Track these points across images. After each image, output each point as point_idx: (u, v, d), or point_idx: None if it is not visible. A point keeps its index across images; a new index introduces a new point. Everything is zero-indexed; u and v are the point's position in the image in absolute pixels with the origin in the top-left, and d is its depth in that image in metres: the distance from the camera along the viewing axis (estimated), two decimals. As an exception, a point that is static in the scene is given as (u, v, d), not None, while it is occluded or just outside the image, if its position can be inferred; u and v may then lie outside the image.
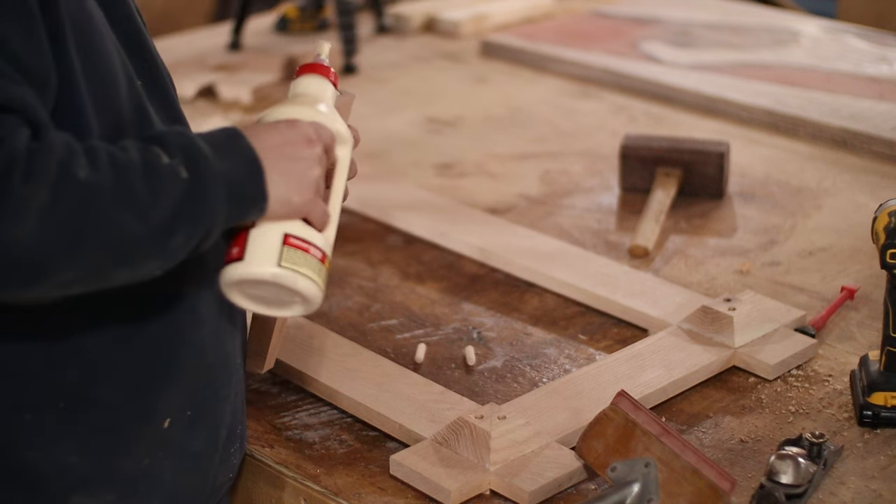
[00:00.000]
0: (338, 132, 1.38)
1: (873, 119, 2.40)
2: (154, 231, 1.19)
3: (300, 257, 1.30)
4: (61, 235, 1.15)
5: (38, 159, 1.14)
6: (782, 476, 1.44)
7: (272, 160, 1.27)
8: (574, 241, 2.03)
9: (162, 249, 1.21)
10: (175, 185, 1.20)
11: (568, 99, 2.61)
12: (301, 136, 1.31)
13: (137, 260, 1.20)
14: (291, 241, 1.30)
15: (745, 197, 2.18)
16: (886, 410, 1.57)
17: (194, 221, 1.21)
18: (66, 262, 1.16)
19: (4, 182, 1.12)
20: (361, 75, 2.75)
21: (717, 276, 1.93)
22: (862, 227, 1.82)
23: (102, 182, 1.17)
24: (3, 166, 1.12)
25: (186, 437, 1.38)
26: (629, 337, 1.79)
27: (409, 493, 1.48)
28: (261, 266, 1.29)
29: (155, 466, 1.36)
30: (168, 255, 1.22)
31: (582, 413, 1.55)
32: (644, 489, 1.37)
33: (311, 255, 1.31)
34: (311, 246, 1.31)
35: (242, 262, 1.29)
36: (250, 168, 1.26)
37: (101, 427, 1.31)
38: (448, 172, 2.28)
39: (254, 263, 1.29)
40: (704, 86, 2.58)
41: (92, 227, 1.16)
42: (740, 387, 1.67)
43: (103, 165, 1.17)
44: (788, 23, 2.97)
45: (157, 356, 1.34)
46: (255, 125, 1.33)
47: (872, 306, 1.82)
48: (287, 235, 1.30)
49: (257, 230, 1.29)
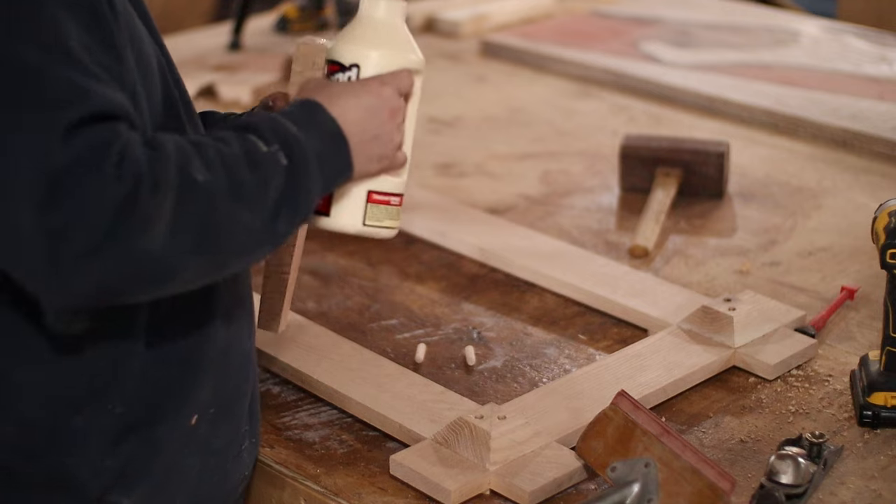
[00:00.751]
0: (417, 64, 1.41)
1: (873, 119, 2.40)
2: (265, 220, 1.23)
3: (382, 211, 1.40)
4: (188, 239, 1.18)
5: (159, 168, 1.16)
6: (782, 476, 1.44)
7: (356, 135, 1.31)
8: (574, 241, 2.03)
9: (273, 236, 1.25)
10: (277, 172, 1.24)
11: (568, 99, 2.61)
12: (385, 106, 1.34)
13: (254, 249, 1.25)
14: (374, 197, 1.39)
15: (745, 197, 2.18)
16: (886, 410, 1.57)
17: (296, 204, 1.26)
18: (193, 262, 1.19)
19: (134, 197, 1.14)
20: (361, 75, 2.75)
21: (717, 276, 1.93)
22: (862, 227, 1.82)
23: (218, 182, 1.20)
24: (132, 182, 1.14)
25: (210, 433, 1.39)
26: (629, 337, 1.79)
27: (409, 493, 1.48)
28: (346, 222, 1.39)
29: (182, 464, 1.37)
30: (277, 240, 1.27)
31: (582, 413, 1.55)
32: (644, 489, 1.37)
33: (391, 206, 1.40)
34: (391, 196, 1.40)
35: (329, 217, 1.38)
36: (336, 143, 1.30)
37: (137, 426, 1.32)
38: (448, 172, 2.28)
39: (340, 219, 1.39)
40: (704, 86, 2.58)
41: (214, 227, 1.19)
42: (740, 387, 1.67)
43: (216, 165, 1.20)
44: (788, 23, 2.97)
45: (188, 354, 1.35)
46: (336, 87, 1.33)
47: (872, 306, 1.82)
48: (370, 193, 1.38)
49: (342, 187, 1.36)
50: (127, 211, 1.13)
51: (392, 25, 1.41)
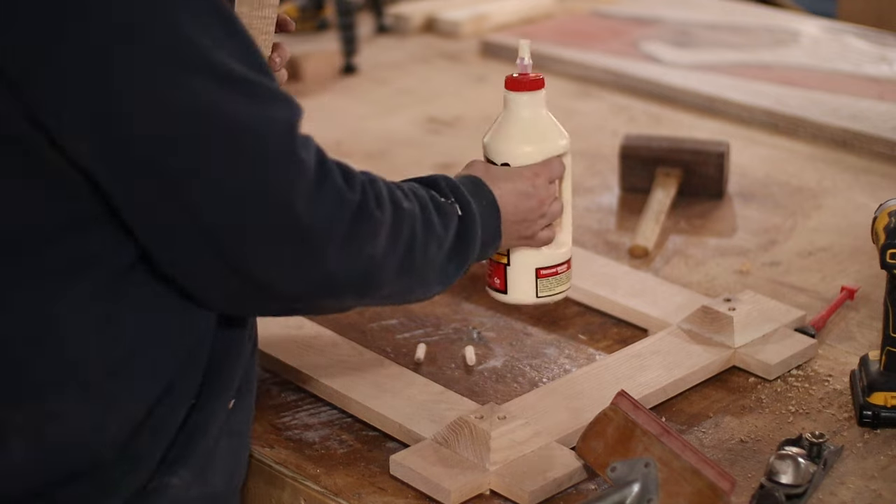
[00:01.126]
0: (564, 148, 1.59)
1: (873, 119, 2.40)
2: (443, 260, 1.34)
3: (552, 282, 1.61)
4: (397, 256, 1.29)
5: (377, 188, 1.28)
6: (782, 476, 1.44)
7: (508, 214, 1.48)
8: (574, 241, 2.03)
9: (445, 276, 1.36)
10: (454, 220, 1.36)
11: (568, 99, 2.61)
12: (536, 195, 1.51)
13: (432, 285, 1.36)
14: (542, 273, 1.59)
15: (745, 197, 2.18)
16: (886, 410, 1.57)
17: (466, 253, 1.37)
18: (395, 280, 1.30)
19: (364, 205, 1.25)
20: (361, 75, 2.75)
21: (717, 276, 1.93)
22: (862, 227, 1.82)
23: (416, 212, 1.31)
24: (360, 193, 1.25)
25: (236, 417, 1.41)
26: (629, 337, 1.79)
27: (409, 493, 1.48)
28: (522, 298, 1.60)
29: (217, 446, 1.39)
30: (447, 283, 1.37)
31: (582, 413, 1.55)
32: (644, 489, 1.37)
33: (560, 275, 1.61)
34: (558, 267, 1.61)
35: (506, 294, 1.60)
36: (493, 213, 1.44)
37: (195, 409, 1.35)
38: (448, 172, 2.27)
39: (516, 295, 1.60)
40: (704, 86, 2.58)
41: (415, 252, 1.31)
42: (740, 387, 1.67)
43: (412, 198, 1.32)
44: (788, 23, 2.97)
45: (238, 337, 1.39)
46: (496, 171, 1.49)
47: (872, 306, 1.82)
48: (538, 270, 1.59)
49: (513, 267, 1.58)
50: (360, 217, 1.24)
51: (535, 118, 1.58)
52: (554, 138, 1.59)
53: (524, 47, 1.58)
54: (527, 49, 1.58)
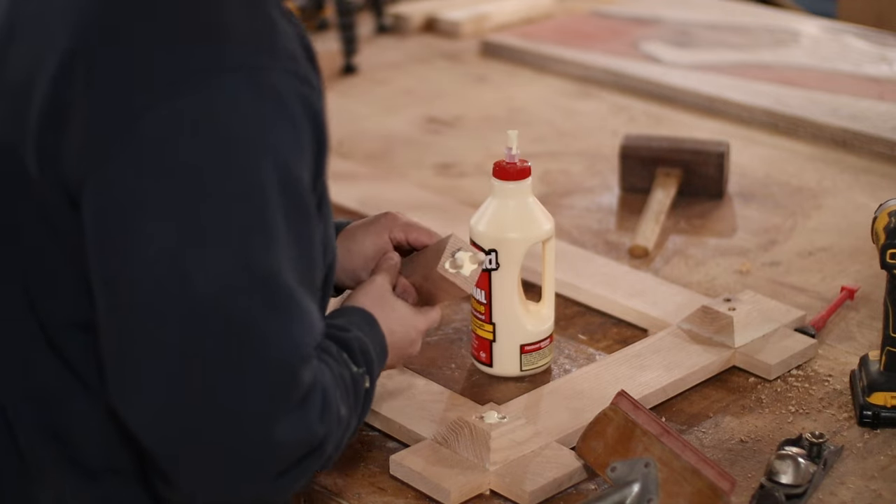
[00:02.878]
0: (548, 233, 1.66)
1: (873, 119, 2.40)
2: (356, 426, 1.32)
3: (535, 357, 1.67)
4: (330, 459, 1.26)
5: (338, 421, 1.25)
6: (782, 476, 1.44)
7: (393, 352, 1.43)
8: (574, 241, 2.03)
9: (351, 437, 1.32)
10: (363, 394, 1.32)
11: (568, 99, 2.61)
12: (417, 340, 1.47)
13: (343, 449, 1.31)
14: (526, 348, 1.66)
15: (745, 197, 2.18)
16: (886, 410, 1.57)
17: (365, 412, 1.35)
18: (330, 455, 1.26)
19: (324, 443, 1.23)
20: (361, 75, 2.75)
21: (717, 276, 1.93)
22: (862, 227, 1.82)
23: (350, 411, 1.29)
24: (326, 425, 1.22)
25: None
26: (629, 337, 1.79)
27: (409, 493, 1.48)
28: (507, 370, 1.67)
29: None
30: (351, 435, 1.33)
31: (582, 413, 1.55)
32: (644, 489, 1.37)
33: (542, 350, 1.67)
34: (541, 343, 1.67)
35: (492, 367, 1.67)
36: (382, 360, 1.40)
37: None
38: (448, 172, 2.28)
39: (502, 368, 1.67)
40: (704, 86, 2.58)
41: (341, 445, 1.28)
42: (740, 387, 1.67)
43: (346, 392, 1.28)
44: (788, 23, 2.97)
45: None
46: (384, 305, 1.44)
47: (872, 306, 1.82)
48: (523, 346, 1.66)
49: (498, 343, 1.66)
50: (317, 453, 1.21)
51: (522, 206, 1.64)
52: (539, 224, 1.65)
53: (513, 137, 1.64)
54: (515, 139, 1.64)
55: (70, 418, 1.26)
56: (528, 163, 1.65)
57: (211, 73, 1.13)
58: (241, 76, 1.14)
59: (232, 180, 1.13)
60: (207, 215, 1.13)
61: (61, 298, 1.23)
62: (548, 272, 1.69)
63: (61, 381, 1.25)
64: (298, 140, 1.17)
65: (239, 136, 1.13)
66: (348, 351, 1.31)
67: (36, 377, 1.25)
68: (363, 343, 1.34)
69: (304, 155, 1.18)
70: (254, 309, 1.14)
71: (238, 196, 1.13)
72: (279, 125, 1.15)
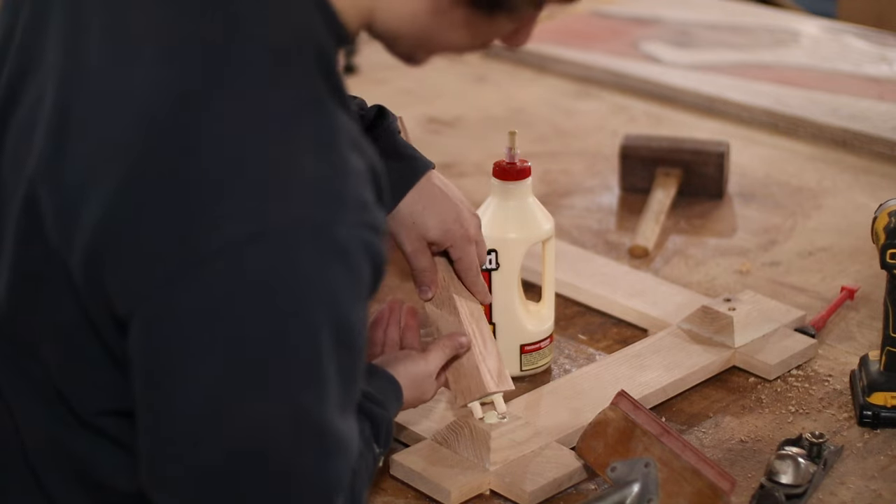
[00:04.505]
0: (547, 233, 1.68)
1: (873, 119, 2.40)
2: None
3: (535, 357, 1.69)
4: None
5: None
6: (782, 476, 1.44)
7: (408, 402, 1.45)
8: (574, 241, 2.03)
9: None
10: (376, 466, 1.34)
11: (568, 99, 2.61)
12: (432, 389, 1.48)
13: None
14: (527, 348, 1.68)
15: (745, 197, 2.18)
16: (886, 410, 1.57)
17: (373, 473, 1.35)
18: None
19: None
20: (361, 75, 2.75)
21: (717, 276, 1.93)
22: (862, 227, 1.82)
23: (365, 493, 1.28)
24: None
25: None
26: (629, 337, 1.79)
27: (409, 493, 1.48)
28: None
29: None
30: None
31: (582, 413, 1.55)
32: (644, 489, 1.37)
33: (542, 350, 1.69)
34: (541, 343, 1.68)
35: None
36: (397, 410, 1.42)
37: None
38: (448, 172, 2.28)
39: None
40: (704, 86, 2.58)
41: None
42: (740, 387, 1.67)
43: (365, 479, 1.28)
44: (788, 23, 2.97)
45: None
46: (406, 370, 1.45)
47: (872, 306, 1.82)
48: (523, 346, 1.67)
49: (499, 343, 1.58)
50: None
51: (522, 206, 1.65)
52: (539, 224, 1.65)
53: (513, 138, 1.64)
54: (515, 139, 1.64)
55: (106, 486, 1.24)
56: (528, 163, 1.65)
57: (275, 227, 1.07)
58: (305, 233, 1.07)
59: (287, 337, 1.08)
60: (257, 367, 1.09)
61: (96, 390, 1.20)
62: (548, 272, 1.69)
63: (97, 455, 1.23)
64: (359, 291, 1.12)
65: (298, 295, 1.08)
66: (376, 431, 1.33)
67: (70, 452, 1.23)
68: (390, 425, 1.37)
69: (363, 300, 1.13)
70: (295, 452, 1.11)
71: (291, 352, 1.09)
72: (341, 283, 1.10)
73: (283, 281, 1.07)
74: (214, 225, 1.06)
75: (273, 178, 1.07)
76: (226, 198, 1.07)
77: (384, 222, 1.14)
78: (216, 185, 1.07)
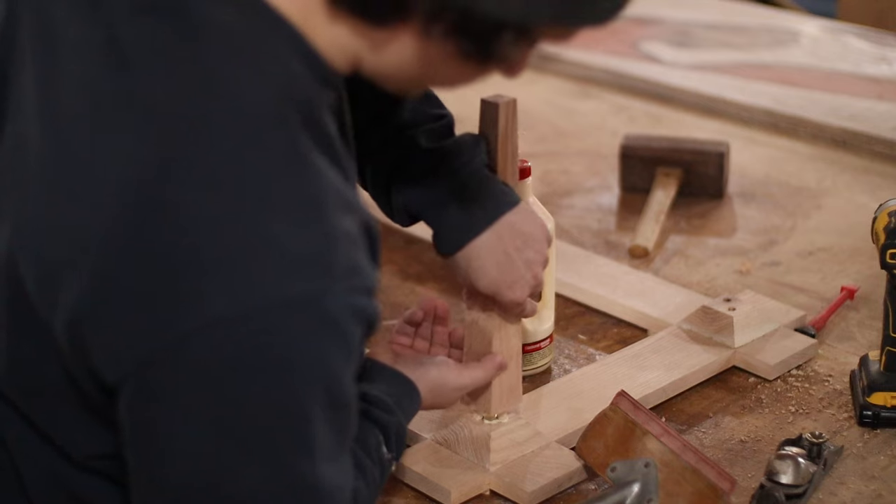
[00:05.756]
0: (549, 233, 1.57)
1: (873, 119, 2.40)
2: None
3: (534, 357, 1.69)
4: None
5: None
6: (782, 476, 1.44)
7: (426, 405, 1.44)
8: (574, 241, 2.03)
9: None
10: (388, 472, 1.34)
11: (568, 99, 2.61)
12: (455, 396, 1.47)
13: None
14: (527, 348, 1.66)
15: (745, 197, 2.18)
16: (886, 410, 1.57)
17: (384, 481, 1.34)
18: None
19: None
20: (361, 75, 2.75)
21: (717, 276, 1.93)
22: (862, 227, 1.82)
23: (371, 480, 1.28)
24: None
25: None
26: (629, 337, 1.79)
27: (409, 493, 1.48)
28: None
29: None
30: None
31: (582, 413, 1.55)
32: (644, 489, 1.37)
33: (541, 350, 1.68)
34: (540, 343, 1.68)
35: None
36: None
37: None
38: (448, 172, 2.28)
39: None
40: (704, 86, 2.57)
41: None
42: (740, 387, 1.67)
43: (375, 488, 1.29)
44: (788, 23, 2.97)
45: None
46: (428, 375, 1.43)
47: (872, 306, 1.82)
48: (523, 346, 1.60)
49: None
50: None
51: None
52: None
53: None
54: None
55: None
56: (528, 163, 1.65)
57: (261, 304, 1.04)
58: (292, 308, 1.04)
59: (277, 411, 1.07)
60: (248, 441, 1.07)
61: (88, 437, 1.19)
62: (548, 272, 1.69)
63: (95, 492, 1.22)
64: (351, 354, 1.10)
65: (287, 369, 1.06)
66: (385, 437, 1.32)
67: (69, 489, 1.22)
68: (401, 430, 1.35)
69: (355, 360, 1.12)
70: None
71: (282, 424, 1.08)
72: (332, 353, 1.08)
73: (271, 357, 1.05)
74: (198, 302, 1.03)
75: (257, 252, 1.04)
76: (209, 273, 1.04)
77: (377, 281, 1.11)
78: (198, 261, 1.04)
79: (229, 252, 1.04)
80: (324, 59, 1.12)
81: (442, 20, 1.07)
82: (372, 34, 1.11)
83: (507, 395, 1.51)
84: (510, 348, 1.50)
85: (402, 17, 1.08)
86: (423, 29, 1.08)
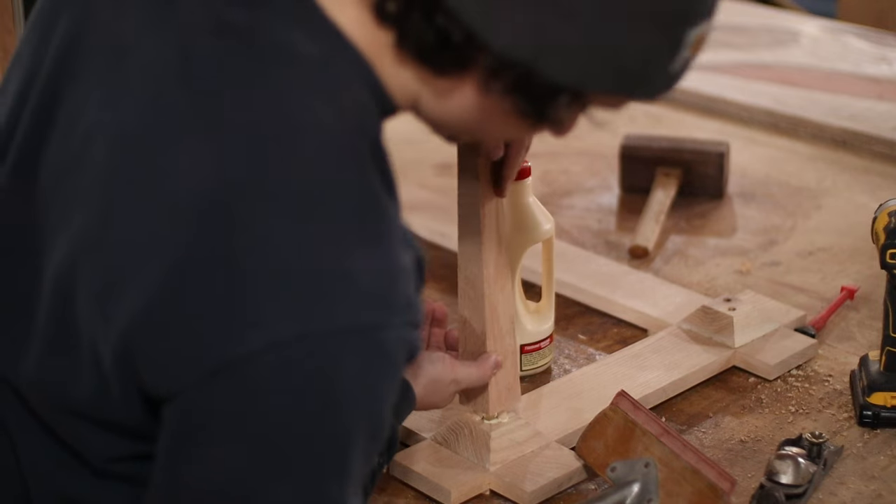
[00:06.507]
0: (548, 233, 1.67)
1: (873, 119, 2.40)
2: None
3: (535, 357, 1.68)
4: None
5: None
6: (782, 476, 1.44)
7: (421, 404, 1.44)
8: (574, 241, 2.03)
9: None
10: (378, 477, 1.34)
11: (568, 99, 2.61)
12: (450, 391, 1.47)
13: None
14: (526, 348, 1.67)
15: (745, 197, 2.18)
16: (886, 410, 1.57)
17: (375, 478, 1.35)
18: None
19: None
20: (361, 75, 2.75)
21: (717, 276, 1.93)
22: (862, 227, 1.82)
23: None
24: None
25: None
26: (629, 337, 1.79)
27: (409, 493, 1.48)
28: None
29: None
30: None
31: (582, 413, 1.55)
32: (644, 489, 1.37)
33: (542, 350, 1.68)
34: (541, 343, 1.68)
35: None
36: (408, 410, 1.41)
37: None
38: (448, 172, 2.28)
39: None
40: (704, 86, 2.57)
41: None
42: (740, 387, 1.67)
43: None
44: (788, 23, 2.97)
45: None
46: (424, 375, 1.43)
47: (872, 306, 1.82)
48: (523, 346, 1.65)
49: None
50: None
51: (521, 206, 1.64)
52: (539, 224, 1.65)
53: None
54: None
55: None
56: (528, 163, 1.65)
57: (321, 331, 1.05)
58: (351, 338, 1.06)
59: (320, 438, 1.08)
60: (286, 462, 1.08)
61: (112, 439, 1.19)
62: (548, 272, 1.69)
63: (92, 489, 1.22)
64: (396, 384, 1.13)
65: (338, 398, 1.07)
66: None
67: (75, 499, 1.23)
68: (394, 432, 1.36)
69: (396, 389, 1.14)
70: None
71: (323, 451, 1.09)
72: (381, 385, 1.10)
73: (324, 384, 1.06)
74: (262, 323, 1.04)
75: (323, 279, 1.06)
76: (274, 296, 1.05)
77: (423, 313, 1.14)
78: (264, 283, 1.05)
79: (295, 276, 1.05)
80: (390, 95, 1.14)
81: (503, 78, 1.09)
82: (434, 82, 1.13)
83: (504, 394, 1.51)
84: (505, 347, 1.50)
85: (465, 70, 1.10)
86: (483, 84, 1.11)
